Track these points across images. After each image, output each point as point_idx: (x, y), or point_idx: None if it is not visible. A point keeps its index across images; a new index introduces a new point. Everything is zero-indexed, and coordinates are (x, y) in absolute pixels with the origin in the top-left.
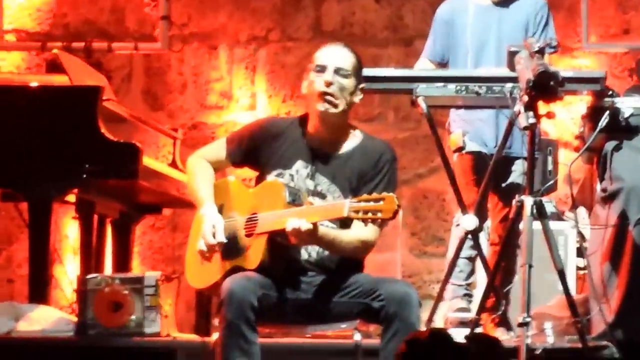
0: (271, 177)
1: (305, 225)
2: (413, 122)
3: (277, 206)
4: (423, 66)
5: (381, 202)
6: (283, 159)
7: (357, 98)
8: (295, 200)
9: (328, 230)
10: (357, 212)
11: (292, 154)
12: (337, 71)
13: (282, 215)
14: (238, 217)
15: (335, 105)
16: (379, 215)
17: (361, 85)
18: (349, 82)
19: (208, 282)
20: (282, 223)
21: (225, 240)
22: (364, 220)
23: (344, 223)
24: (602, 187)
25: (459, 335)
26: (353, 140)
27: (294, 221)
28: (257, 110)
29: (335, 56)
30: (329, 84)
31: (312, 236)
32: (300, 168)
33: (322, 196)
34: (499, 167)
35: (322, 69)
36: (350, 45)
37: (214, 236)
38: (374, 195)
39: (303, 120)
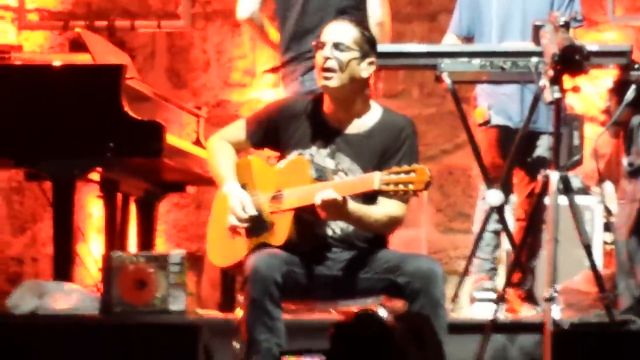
0: (293, 156)
1: (334, 194)
2: (438, 98)
3: (302, 183)
4: (449, 42)
5: (412, 174)
6: (302, 139)
7: (365, 72)
8: (321, 176)
9: (359, 206)
10: (387, 184)
11: (311, 134)
12: (336, 46)
13: (308, 190)
14: (262, 195)
15: (330, 79)
16: (411, 187)
17: (370, 59)
18: (349, 56)
19: (233, 260)
20: (309, 198)
21: (255, 213)
22: (395, 193)
23: (367, 199)
24: (628, 162)
25: (484, 310)
26: (372, 116)
27: (324, 192)
28: (281, 88)
29: (333, 31)
30: (325, 59)
31: (342, 211)
32: (320, 147)
33: (344, 175)
34: (524, 142)
35: (321, 45)
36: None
37: (244, 210)
38: (405, 167)
39: (320, 98)
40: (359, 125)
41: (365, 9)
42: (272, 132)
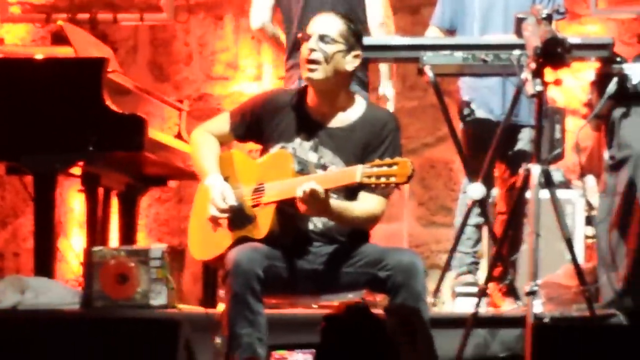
0: (275, 150)
1: (316, 186)
2: (420, 91)
3: (284, 176)
4: (432, 34)
5: (395, 167)
6: (286, 132)
7: (350, 65)
8: (303, 170)
9: (339, 202)
10: (369, 177)
11: (294, 127)
12: (322, 38)
13: (290, 184)
14: (244, 188)
15: (314, 71)
16: (393, 180)
17: (355, 52)
18: (334, 49)
19: (214, 254)
20: (290, 192)
21: (236, 204)
22: (377, 186)
23: (348, 194)
24: (610, 155)
25: (465, 305)
26: (355, 110)
27: (306, 184)
28: (263, 81)
29: (319, 24)
30: (311, 51)
31: (323, 205)
32: (303, 141)
33: (326, 169)
34: (506, 135)
35: (307, 38)
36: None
37: (224, 201)
38: (387, 160)
39: (304, 91)
40: (342, 119)
41: (362, 10)
42: (255, 125)
